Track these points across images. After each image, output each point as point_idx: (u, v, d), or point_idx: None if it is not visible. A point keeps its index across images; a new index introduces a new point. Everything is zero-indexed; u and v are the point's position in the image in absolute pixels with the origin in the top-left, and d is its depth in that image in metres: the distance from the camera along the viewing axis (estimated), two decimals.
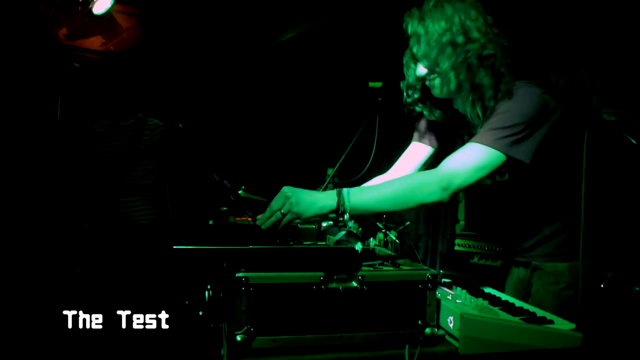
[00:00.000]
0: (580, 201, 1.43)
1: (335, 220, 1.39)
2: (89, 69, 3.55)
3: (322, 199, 1.36)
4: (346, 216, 1.36)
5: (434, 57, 1.46)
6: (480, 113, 1.49)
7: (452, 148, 1.61)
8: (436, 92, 1.54)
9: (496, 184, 1.61)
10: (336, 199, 1.35)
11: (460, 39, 1.43)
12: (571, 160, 1.54)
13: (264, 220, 1.38)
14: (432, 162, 1.83)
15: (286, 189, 1.37)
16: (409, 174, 1.56)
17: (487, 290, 1.60)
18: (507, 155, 1.38)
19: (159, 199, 3.35)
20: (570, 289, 1.57)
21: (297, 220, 1.36)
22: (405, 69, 1.59)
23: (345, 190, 1.37)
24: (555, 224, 1.61)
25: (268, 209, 1.39)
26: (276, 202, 1.37)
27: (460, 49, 1.43)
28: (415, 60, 1.52)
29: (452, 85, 1.47)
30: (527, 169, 1.46)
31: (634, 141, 1.19)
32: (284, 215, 1.35)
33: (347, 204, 1.35)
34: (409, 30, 1.52)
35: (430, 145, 1.80)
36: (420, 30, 1.48)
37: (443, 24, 1.44)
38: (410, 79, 1.58)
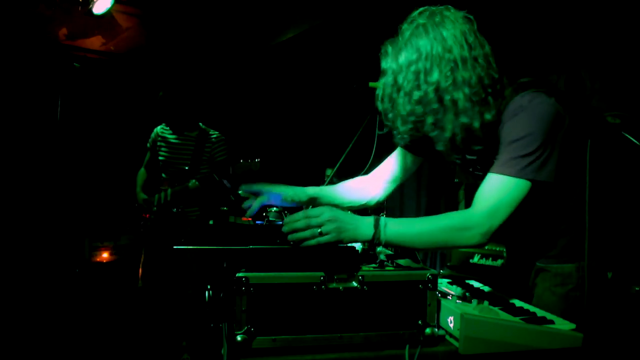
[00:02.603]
0: (583, 203, 1.42)
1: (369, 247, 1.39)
2: (89, 69, 3.56)
3: (361, 227, 1.32)
4: (380, 246, 1.35)
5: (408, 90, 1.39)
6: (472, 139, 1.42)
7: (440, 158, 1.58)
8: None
9: None
10: (373, 230, 1.32)
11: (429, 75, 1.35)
12: (575, 164, 1.52)
13: (299, 236, 1.30)
14: (416, 172, 1.82)
15: (328, 211, 1.31)
16: (447, 213, 1.45)
17: (487, 290, 1.60)
18: (534, 181, 1.36)
19: (207, 203, 3.50)
20: (578, 290, 1.56)
21: (344, 241, 1.32)
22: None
23: (382, 220, 1.34)
24: (559, 226, 1.59)
25: (303, 220, 1.30)
26: (315, 217, 1.30)
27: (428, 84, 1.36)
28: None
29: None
30: None
31: (637, 142, 1.18)
32: (322, 234, 1.28)
33: (382, 237, 1.33)
34: (384, 66, 1.46)
35: (416, 155, 1.77)
36: (394, 67, 1.41)
37: (414, 58, 1.37)
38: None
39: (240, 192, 1.68)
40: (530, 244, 1.66)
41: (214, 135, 3.49)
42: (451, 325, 1.18)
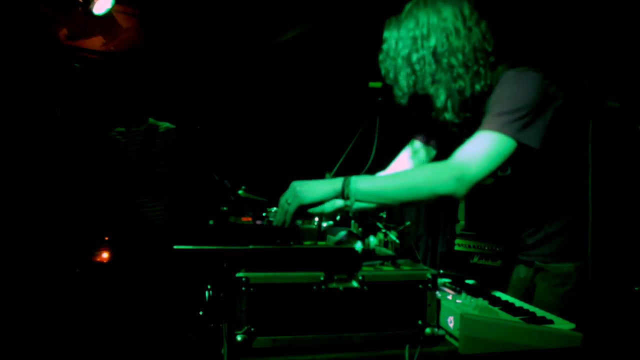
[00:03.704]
0: (583, 197, 1.43)
1: (335, 214, 1.40)
2: (90, 70, 3.56)
3: (327, 182, 1.37)
4: (352, 200, 1.34)
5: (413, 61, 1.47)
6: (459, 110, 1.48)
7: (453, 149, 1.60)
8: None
9: (498, 180, 1.60)
10: (342, 181, 1.35)
11: (427, 42, 1.45)
12: (575, 153, 1.53)
13: (277, 218, 1.41)
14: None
15: (294, 182, 1.40)
16: (419, 166, 1.52)
17: (487, 290, 1.61)
18: (517, 141, 1.35)
19: (173, 199, 3.41)
20: (577, 290, 1.56)
21: (304, 202, 1.36)
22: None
23: (352, 176, 1.37)
24: (559, 222, 1.59)
25: (279, 207, 1.42)
26: (284, 196, 1.40)
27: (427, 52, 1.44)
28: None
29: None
30: (530, 162, 1.44)
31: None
32: (289, 204, 1.36)
33: (352, 187, 1.33)
34: (386, 35, 1.54)
35: (429, 145, 1.79)
36: (395, 34, 1.51)
37: (412, 26, 1.47)
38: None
39: (240, 192, 1.68)
40: (528, 240, 1.66)
41: (163, 126, 3.39)
42: (451, 325, 1.18)
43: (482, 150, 1.35)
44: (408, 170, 1.45)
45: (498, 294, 1.57)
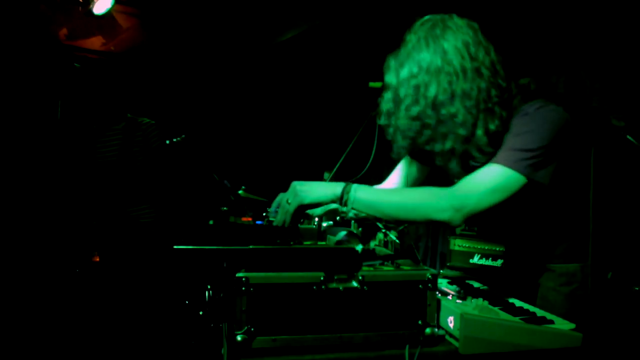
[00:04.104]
0: (587, 207, 1.42)
1: (334, 214, 1.40)
2: (90, 69, 3.55)
3: (328, 186, 1.37)
4: (348, 207, 1.34)
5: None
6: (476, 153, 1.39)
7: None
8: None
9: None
10: (342, 187, 1.35)
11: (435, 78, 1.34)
12: (579, 166, 1.51)
13: (277, 219, 1.41)
14: (424, 182, 1.81)
15: (294, 182, 1.40)
16: (422, 187, 1.46)
17: (487, 290, 1.61)
18: (527, 178, 1.31)
19: (159, 199, 3.36)
20: (583, 290, 1.55)
21: (304, 202, 1.36)
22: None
23: (353, 184, 1.37)
24: (562, 230, 1.59)
25: (279, 206, 1.42)
26: (284, 196, 1.40)
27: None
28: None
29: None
30: (536, 194, 1.39)
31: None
32: (289, 204, 1.37)
33: (352, 194, 1.34)
34: (387, 81, 1.46)
35: (423, 164, 1.75)
36: (394, 82, 1.42)
37: (415, 71, 1.36)
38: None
39: (240, 192, 1.68)
40: (531, 247, 1.65)
41: (144, 122, 3.33)
42: (451, 325, 1.18)
43: (488, 183, 1.31)
44: (409, 189, 1.42)
45: (498, 293, 1.57)
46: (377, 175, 1.88)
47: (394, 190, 1.44)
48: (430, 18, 1.41)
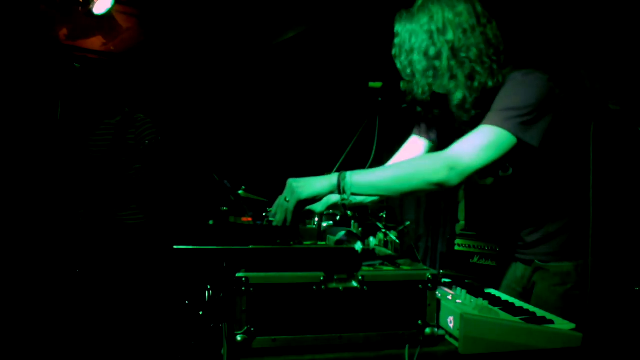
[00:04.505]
0: (583, 198, 1.42)
1: (335, 209, 1.40)
2: (90, 69, 3.55)
3: (324, 178, 1.38)
4: (347, 193, 1.36)
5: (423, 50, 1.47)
6: (469, 103, 1.47)
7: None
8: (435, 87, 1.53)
9: (499, 180, 1.60)
10: (337, 176, 1.37)
11: (443, 35, 1.43)
12: (576, 154, 1.53)
13: (274, 215, 1.43)
14: None
15: (290, 179, 1.41)
16: (415, 157, 1.53)
17: (487, 290, 1.61)
18: (517, 138, 1.36)
19: (148, 199, 3.34)
20: (577, 289, 1.56)
21: (301, 197, 1.37)
22: (400, 65, 1.58)
23: (347, 171, 1.39)
24: (559, 222, 1.60)
25: (278, 206, 1.43)
26: (282, 195, 1.41)
27: (443, 43, 1.44)
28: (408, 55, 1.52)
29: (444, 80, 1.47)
30: (532, 163, 1.43)
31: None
32: (288, 202, 1.37)
33: (348, 180, 1.35)
34: (399, 29, 1.53)
35: (429, 140, 1.79)
36: (408, 27, 1.49)
37: (426, 20, 1.45)
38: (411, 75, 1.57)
39: (240, 192, 1.68)
40: (528, 239, 1.66)
41: (139, 118, 3.28)
42: (451, 325, 1.18)
43: (479, 141, 1.36)
44: (403, 161, 1.46)
45: (493, 291, 1.57)
46: None
47: (388, 165, 1.47)
48: None
